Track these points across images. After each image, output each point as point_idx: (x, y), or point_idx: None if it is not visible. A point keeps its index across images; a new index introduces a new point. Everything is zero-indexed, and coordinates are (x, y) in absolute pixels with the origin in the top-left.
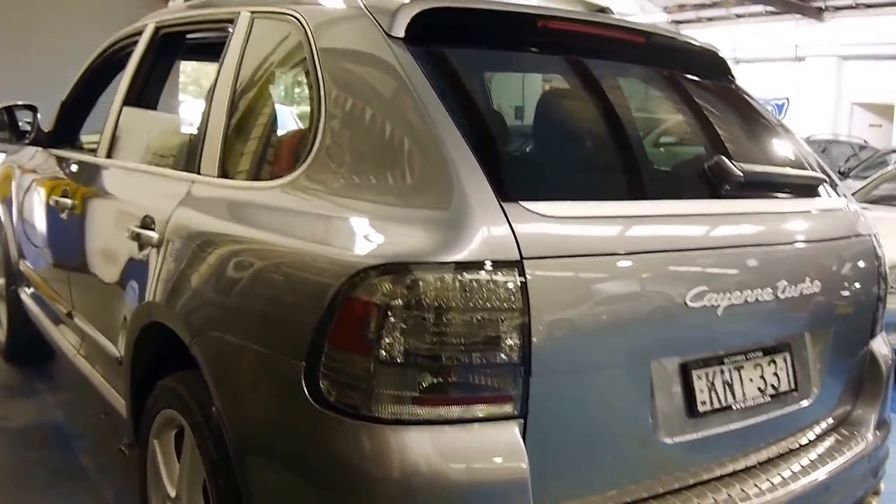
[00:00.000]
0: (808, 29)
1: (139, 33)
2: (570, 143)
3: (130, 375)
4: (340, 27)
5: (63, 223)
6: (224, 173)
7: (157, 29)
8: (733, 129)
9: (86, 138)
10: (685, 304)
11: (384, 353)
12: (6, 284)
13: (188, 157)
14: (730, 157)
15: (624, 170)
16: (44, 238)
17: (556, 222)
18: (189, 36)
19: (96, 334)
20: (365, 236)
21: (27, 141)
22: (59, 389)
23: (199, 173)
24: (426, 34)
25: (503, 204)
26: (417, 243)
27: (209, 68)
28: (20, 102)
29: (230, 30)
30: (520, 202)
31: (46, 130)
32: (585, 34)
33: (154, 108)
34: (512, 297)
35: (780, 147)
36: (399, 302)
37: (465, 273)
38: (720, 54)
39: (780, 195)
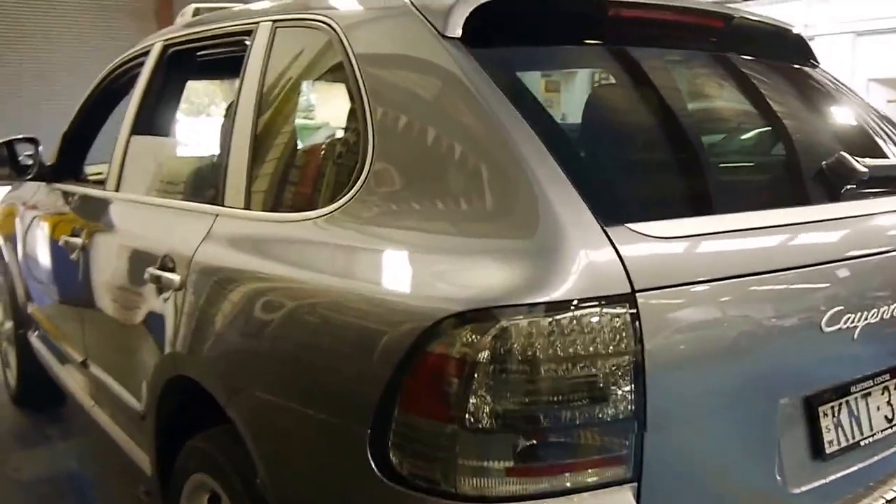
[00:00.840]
0: (819, 6)
1: (144, 54)
2: (668, 148)
3: (155, 433)
4: (381, 31)
5: (72, 264)
6: (252, 204)
7: (166, 48)
8: (832, 119)
9: (91, 169)
10: (821, 328)
11: (469, 418)
12: (14, 328)
13: (209, 187)
14: (846, 152)
15: (733, 176)
16: (52, 280)
17: (667, 244)
18: (201, 53)
19: (114, 385)
20: (438, 276)
21: (29, 176)
22: (71, 435)
23: (222, 205)
24: (486, 32)
25: (604, 226)
26: (503, 281)
27: (222, 87)
28: (20, 136)
29: (248, 43)
30: (623, 223)
31: (49, 164)
32: (667, 22)
33: (165, 134)
34: (623, 339)
35: (883, 134)
36: (486, 355)
37: (565, 314)
38: (798, 32)
39: None
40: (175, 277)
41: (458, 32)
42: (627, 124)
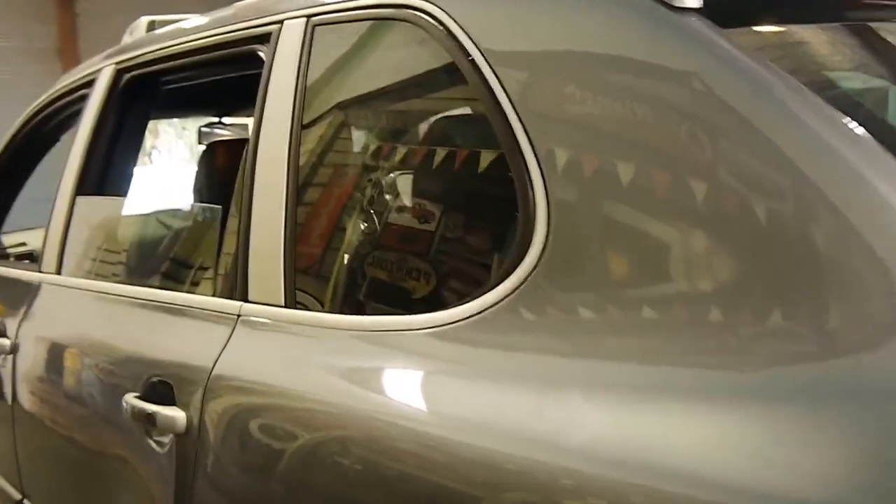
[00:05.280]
0: None
1: (84, 86)
2: None
3: None
4: (536, 12)
5: None
6: (300, 301)
7: (119, 73)
8: None
9: (8, 240)
10: None
11: None
12: None
13: (214, 273)
14: None
15: None
16: None
17: None
18: (179, 76)
19: None
20: (708, 447)
21: None
22: None
23: (246, 300)
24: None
25: None
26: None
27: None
28: None
29: (263, 54)
30: None
31: None
32: None
33: (129, 193)
34: None
35: None
36: None
37: None
38: None
39: None
40: (178, 415)
41: (698, 1)
42: None
